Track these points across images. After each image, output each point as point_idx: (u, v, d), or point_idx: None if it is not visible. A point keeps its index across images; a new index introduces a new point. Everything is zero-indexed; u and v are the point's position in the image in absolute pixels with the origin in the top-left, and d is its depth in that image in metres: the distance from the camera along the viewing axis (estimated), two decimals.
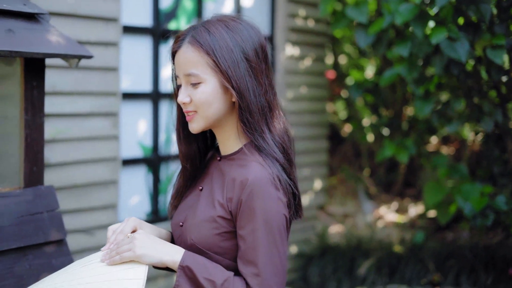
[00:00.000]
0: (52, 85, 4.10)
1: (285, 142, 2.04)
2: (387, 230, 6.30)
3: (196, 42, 1.95)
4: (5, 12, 2.56)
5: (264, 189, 1.90)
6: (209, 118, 1.98)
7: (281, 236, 1.94)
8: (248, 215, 1.91)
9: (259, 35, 2.04)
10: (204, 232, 1.98)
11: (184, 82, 2.00)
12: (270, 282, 1.92)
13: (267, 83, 2.02)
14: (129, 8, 4.66)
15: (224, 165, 2.04)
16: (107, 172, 4.46)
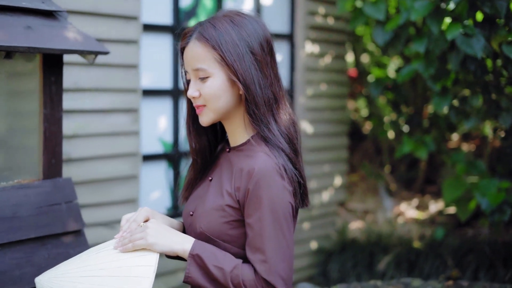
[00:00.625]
0: (73, 82, 4.21)
1: (291, 133, 2.09)
2: (407, 226, 6.33)
3: (202, 37, 2.02)
4: (24, 9, 2.65)
5: (270, 178, 1.95)
6: (218, 111, 2.05)
7: (287, 223, 1.99)
8: (255, 204, 1.97)
9: (264, 29, 2.09)
10: (213, 220, 2.05)
11: (193, 77, 2.07)
12: (278, 268, 1.96)
13: (273, 75, 2.08)
14: (150, 6, 4.75)
15: (233, 156, 2.11)
16: (127, 167, 4.55)
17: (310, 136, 6.14)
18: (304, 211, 6.12)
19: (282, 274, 1.97)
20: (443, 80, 4.76)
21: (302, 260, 6.16)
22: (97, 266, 2.07)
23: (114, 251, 2.10)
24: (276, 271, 1.96)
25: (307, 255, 6.22)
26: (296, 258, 6.08)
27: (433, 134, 6.16)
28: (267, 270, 1.96)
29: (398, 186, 7.14)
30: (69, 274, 2.09)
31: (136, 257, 2.05)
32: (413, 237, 6.05)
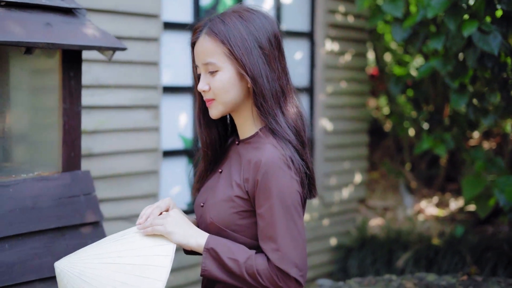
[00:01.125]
0: (95, 78, 4.30)
1: (298, 125, 2.14)
2: (427, 224, 6.35)
3: (212, 32, 2.08)
4: (44, 7, 2.73)
5: (278, 168, 2.00)
6: (227, 104, 2.10)
7: (297, 211, 2.03)
8: (264, 194, 2.01)
9: (272, 24, 2.15)
10: (222, 211, 2.10)
11: (203, 71, 2.12)
12: (290, 256, 2.00)
13: (280, 69, 2.13)
14: (170, 5, 4.83)
15: (242, 149, 2.16)
16: (148, 162, 4.63)
17: (330, 133, 6.19)
18: (324, 207, 6.17)
19: (296, 261, 2.00)
20: (461, 78, 4.78)
21: (321, 256, 6.21)
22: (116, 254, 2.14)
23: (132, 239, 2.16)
24: (289, 259, 1.99)
25: (327, 251, 6.27)
26: (316, 254, 6.14)
27: (454, 131, 6.17)
28: (280, 258, 1.99)
29: (419, 183, 7.16)
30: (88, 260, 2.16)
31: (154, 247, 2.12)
32: (433, 234, 6.06)
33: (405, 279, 3.72)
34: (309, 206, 6.06)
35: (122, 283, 2.07)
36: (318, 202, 6.14)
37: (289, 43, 5.93)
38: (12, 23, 2.55)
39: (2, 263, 2.54)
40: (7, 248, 2.58)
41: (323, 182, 6.18)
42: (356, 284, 3.66)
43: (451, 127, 6.39)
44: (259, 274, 2.01)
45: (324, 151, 6.16)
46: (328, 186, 6.24)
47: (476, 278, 3.74)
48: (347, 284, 3.68)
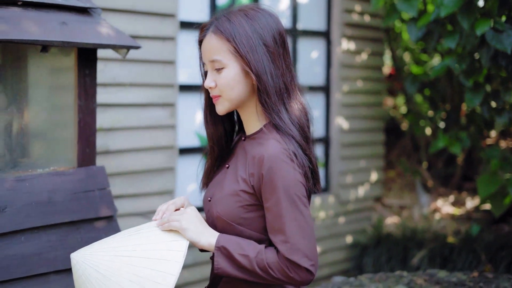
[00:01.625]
0: (112, 77, 4.38)
1: (302, 121, 2.18)
2: (442, 222, 6.37)
3: (218, 30, 2.14)
4: (60, 6, 2.80)
5: (281, 162, 2.04)
6: (232, 100, 2.16)
7: (303, 202, 2.07)
8: (270, 188, 2.06)
9: (277, 22, 2.20)
10: (228, 205, 2.15)
11: (209, 68, 2.19)
12: (299, 246, 2.04)
13: (285, 66, 2.18)
14: (187, 4, 4.90)
15: (247, 144, 2.22)
16: (164, 159, 4.71)
17: (346, 132, 6.23)
18: (340, 205, 6.21)
19: (305, 251, 2.04)
20: (475, 76, 4.80)
21: (337, 253, 6.26)
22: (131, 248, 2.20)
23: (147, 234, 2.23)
24: (298, 249, 2.03)
25: (343, 249, 6.31)
26: (332, 251, 6.18)
27: (471, 130, 6.18)
28: (289, 249, 2.04)
29: (436, 182, 7.17)
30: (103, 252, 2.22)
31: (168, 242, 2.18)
32: (448, 233, 6.08)
33: (416, 275, 3.76)
34: (325, 204, 6.11)
35: (135, 275, 2.13)
36: (334, 200, 6.19)
37: (305, 42, 5.98)
38: (28, 22, 2.63)
39: (18, 255, 2.62)
40: (23, 240, 2.65)
41: (339, 180, 6.23)
42: (367, 280, 3.71)
43: (468, 126, 6.40)
44: (270, 267, 2.06)
45: (340, 149, 6.21)
46: (344, 184, 6.29)
47: (487, 275, 3.77)
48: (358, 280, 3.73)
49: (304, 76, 5.99)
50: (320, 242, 6.07)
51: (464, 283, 3.61)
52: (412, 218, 6.54)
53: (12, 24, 2.57)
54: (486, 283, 3.62)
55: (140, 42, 4.47)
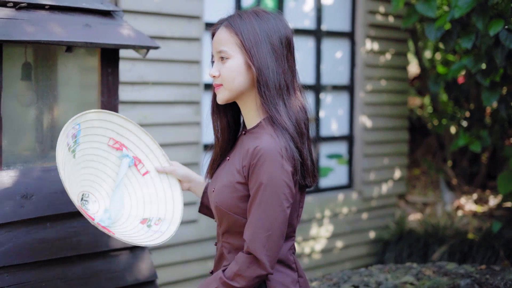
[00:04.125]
0: (140, 76, 4.60)
1: (299, 116, 2.28)
2: (465, 219, 6.46)
3: (229, 25, 2.29)
4: (84, 9, 3.02)
5: (270, 156, 2.14)
6: (232, 90, 2.29)
7: (279, 201, 2.15)
8: (255, 179, 2.17)
9: (285, 27, 2.35)
10: (225, 195, 2.27)
11: (216, 59, 2.33)
12: (259, 234, 2.13)
13: (287, 66, 2.31)
14: (212, 6, 5.10)
15: (246, 138, 2.33)
16: (189, 155, 4.91)
17: (369, 130, 6.37)
18: (363, 202, 6.36)
19: (264, 242, 2.13)
20: (492, 75, 4.90)
21: (360, 249, 6.40)
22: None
23: None
24: (258, 238, 2.12)
25: (365, 244, 6.45)
26: (354, 246, 6.33)
27: (495, 129, 6.27)
28: (250, 235, 2.14)
29: (460, 180, 7.26)
30: None
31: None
32: (469, 229, 6.18)
33: (425, 266, 3.90)
34: (348, 200, 6.25)
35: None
36: (357, 196, 6.33)
37: (330, 43, 6.14)
38: (54, 25, 2.84)
39: (43, 240, 2.82)
40: (48, 226, 2.86)
41: (362, 177, 6.37)
42: (377, 271, 3.85)
43: (493, 125, 6.48)
44: (234, 272, 2.17)
45: (364, 147, 6.35)
46: (367, 181, 6.42)
47: (494, 268, 3.90)
48: (368, 270, 3.88)
49: (329, 76, 6.15)
50: (342, 237, 6.22)
51: (471, 275, 3.74)
52: (435, 215, 6.65)
53: (40, 26, 2.78)
54: (492, 275, 3.75)
55: (167, 43, 4.68)
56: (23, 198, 2.79)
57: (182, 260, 4.98)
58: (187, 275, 5.03)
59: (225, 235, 2.33)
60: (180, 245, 4.96)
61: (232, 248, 2.32)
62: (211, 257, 5.10)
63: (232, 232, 2.30)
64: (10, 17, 2.74)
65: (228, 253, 2.33)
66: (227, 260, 2.32)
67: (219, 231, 2.38)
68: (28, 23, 2.76)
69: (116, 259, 3.06)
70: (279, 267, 2.28)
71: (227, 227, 2.30)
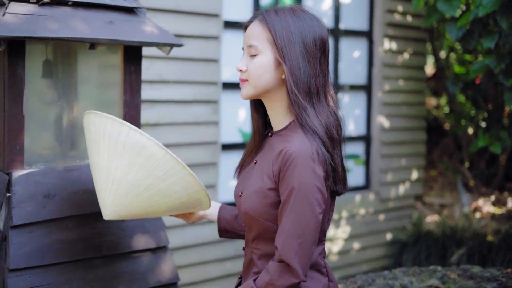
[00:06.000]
0: (158, 74, 4.54)
1: (330, 121, 2.19)
2: (483, 221, 6.39)
3: (263, 20, 2.20)
4: (107, 6, 2.96)
5: (302, 160, 2.07)
6: (257, 88, 2.20)
7: (311, 205, 2.08)
8: (286, 183, 2.09)
9: (322, 28, 2.25)
10: (255, 201, 2.20)
11: (245, 53, 2.25)
12: (291, 241, 2.05)
13: (319, 69, 2.20)
14: (231, 4, 5.04)
15: (273, 141, 2.26)
16: (207, 155, 4.86)
17: (386, 130, 6.31)
18: (380, 203, 6.29)
19: (297, 250, 2.06)
20: None
21: (377, 250, 6.34)
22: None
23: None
24: (290, 244, 2.06)
25: (382, 245, 6.39)
26: (371, 248, 6.26)
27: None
28: (282, 242, 2.07)
29: (477, 182, 7.19)
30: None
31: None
32: (488, 231, 6.11)
33: (449, 270, 3.83)
34: (365, 201, 6.19)
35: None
36: (374, 197, 6.27)
37: (347, 42, 6.07)
38: (77, 21, 2.79)
39: (65, 240, 2.77)
40: (70, 227, 2.81)
41: (380, 177, 6.31)
42: (401, 274, 3.79)
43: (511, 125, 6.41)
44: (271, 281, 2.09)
45: (381, 147, 6.29)
46: (385, 182, 6.36)
47: None
48: (392, 273, 3.82)
49: (346, 75, 6.09)
50: (359, 239, 6.16)
51: (497, 278, 3.67)
52: (453, 217, 6.58)
53: (63, 22, 2.73)
54: None
55: (185, 41, 4.62)
56: (45, 198, 2.74)
57: (200, 261, 4.93)
58: (205, 276, 4.97)
59: (255, 241, 2.26)
60: (198, 245, 4.91)
61: (262, 254, 2.25)
62: (230, 258, 5.05)
63: (263, 238, 2.23)
64: (33, 13, 2.69)
65: (258, 260, 2.26)
66: (257, 266, 2.26)
67: (248, 236, 2.31)
68: (51, 19, 2.71)
69: (138, 260, 3.00)
70: (310, 272, 2.21)
71: (257, 233, 2.24)
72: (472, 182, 7.13)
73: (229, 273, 5.10)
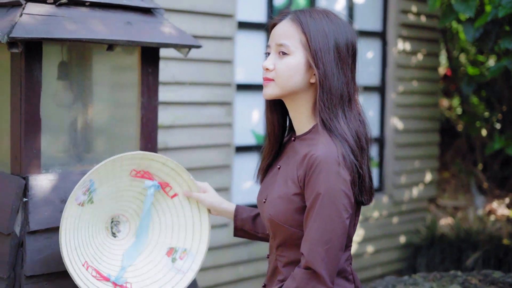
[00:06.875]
0: (172, 76, 4.49)
1: (360, 130, 2.14)
2: (498, 224, 6.32)
3: (297, 19, 2.13)
4: (125, 7, 2.90)
5: (328, 165, 2.01)
6: (284, 89, 2.13)
7: (338, 211, 2.01)
8: (312, 188, 2.03)
9: (353, 34, 2.18)
10: (280, 207, 2.14)
11: (273, 51, 2.16)
12: (318, 248, 1.99)
13: (350, 76, 2.16)
14: (245, 5, 4.98)
15: (297, 145, 2.20)
16: (221, 157, 4.80)
17: (400, 132, 6.24)
18: (394, 205, 6.22)
19: (324, 256, 2.00)
20: None
21: (390, 253, 6.27)
22: None
23: None
24: (317, 251, 2.00)
25: (396, 249, 6.32)
26: (385, 251, 6.20)
27: None
28: (307, 249, 2.01)
29: (491, 184, 7.12)
30: None
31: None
32: (503, 234, 6.04)
33: (470, 275, 3.77)
34: (378, 204, 6.13)
35: None
36: (387, 200, 6.21)
37: (361, 43, 5.99)
38: (95, 22, 2.73)
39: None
40: None
41: (393, 180, 6.25)
42: (421, 279, 3.73)
43: None
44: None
45: (395, 149, 6.22)
46: (398, 184, 6.30)
47: None
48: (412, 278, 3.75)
49: (359, 76, 5.97)
50: (373, 242, 6.09)
51: None
52: (467, 220, 6.51)
53: (80, 23, 2.67)
54: None
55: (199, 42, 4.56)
56: (62, 202, 2.68)
57: (213, 265, 4.87)
58: (218, 280, 4.92)
59: (279, 248, 2.20)
60: (211, 249, 4.85)
61: (288, 262, 2.19)
62: (243, 262, 4.99)
63: (288, 245, 2.17)
64: (50, 14, 2.63)
65: (283, 267, 2.20)
66: (282, 274, 2.20)
67: (272, 244, 2.25)
68: (69, 20, 2.65)
69: None
70: (336, 280, 2.14)
71: (282, 240, 2.17)
72: (486, 184, 7.06)
73: (241, 278, 5.04)
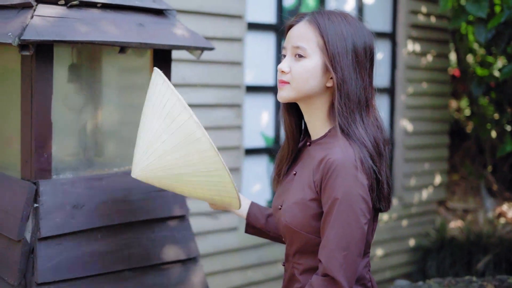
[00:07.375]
0: (181, 77, 4.44)
1: (378, 136, 2.09)
2: (508, 227, 6.27)
3: (314, 22, 2.08)
4: (137, 8, 2.85)
5: (345, 169, 1.96)
6: (299, 92, 2.08)
7: (356, 215, 1.97)
8: (329, 193, 1.99)
9: (371, 38, 2.12)
10: (296, 214, 2.09)
11: (289, 53, 2.11)
12: (336, 254, 1.95)
13: (368, 80, 2.10)
14: (254, 6, 4.93)
15: (313, 150, 2.15)
16: (231, 159, 4.75)
17: (410, 134, 6.19)
18: (403, 208, 6.17)
19: (342, 262, 1.96)
20: None
21: (400, 257, 6.22)
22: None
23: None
24: (335, 257, 1.95)
25: (405, 252, 6.27)
26: (394, 254, 6.14)
27: None
28: (325, 255, 1.97)
29: (501, 186, 7.06)
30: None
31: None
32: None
33: (486, 281, 3.71)
34: None
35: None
36: (397, 203, 6.15)
37: None
38: (107, 24, 2.68)
39: (94, 253, 2.67)
40: (99, 238, 2.70)
41: (403, 182, 6.19)
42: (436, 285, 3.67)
43: None
44: None
45: (404, 151, 6.17)
46: (408, 187, 6.25)
47: None
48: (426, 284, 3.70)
49: None
50: (382, 245, 6.04)
51: None
52: (477, 222, 6.45)
53: (92, 25, 2.62)
54: None
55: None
56: (74, 208, 2.63)
57: (222, 269, 4.82)
58: (227, 285, 4.87)
59: (296, 255, 2.15)
60: (220, 253, 4.80)
61: (305, 269, 2.14)
62: (252, 266, 4.94)
63: (305, 252, 2.12)
64: (61, 16, 2.58)
65: (300, 275, 2.15)
66: (299, 282, 2.15)
67: (289, 251, 2.19)
68: (81, 22, 2.60)
69: (168, 272, 2.90)
70: (355, 287, 2.09)
71: (299, 247, 2.12)
72: (495, 186, 7.00)
73: (250, 282, 4.99)
